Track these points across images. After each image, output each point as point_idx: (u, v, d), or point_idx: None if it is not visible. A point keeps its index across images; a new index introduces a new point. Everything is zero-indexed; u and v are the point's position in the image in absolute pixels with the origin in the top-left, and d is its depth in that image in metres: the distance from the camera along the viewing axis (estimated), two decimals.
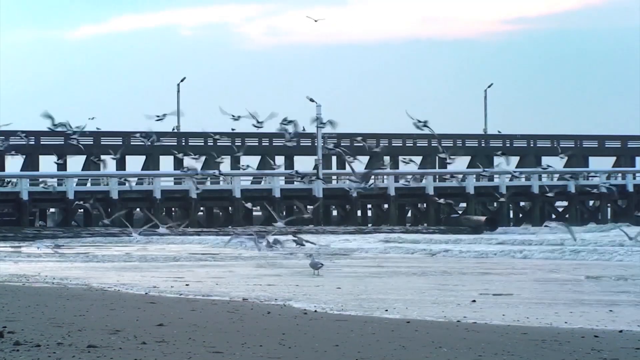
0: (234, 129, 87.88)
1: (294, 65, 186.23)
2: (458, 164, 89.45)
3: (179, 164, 79.98)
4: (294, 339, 13.57)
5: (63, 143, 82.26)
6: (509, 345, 13.46)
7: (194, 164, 75.03)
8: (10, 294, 21.80)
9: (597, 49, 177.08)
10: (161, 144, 77.02)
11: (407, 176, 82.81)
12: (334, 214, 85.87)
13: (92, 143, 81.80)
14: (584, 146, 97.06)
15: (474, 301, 21.32)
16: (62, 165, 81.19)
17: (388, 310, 19.25)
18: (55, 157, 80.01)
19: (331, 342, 13.36)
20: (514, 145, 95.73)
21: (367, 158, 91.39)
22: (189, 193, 79.75)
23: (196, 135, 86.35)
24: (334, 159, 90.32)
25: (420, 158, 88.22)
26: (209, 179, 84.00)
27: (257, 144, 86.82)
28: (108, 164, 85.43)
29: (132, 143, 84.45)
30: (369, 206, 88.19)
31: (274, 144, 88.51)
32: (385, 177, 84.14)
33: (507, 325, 16.54)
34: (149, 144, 68.56)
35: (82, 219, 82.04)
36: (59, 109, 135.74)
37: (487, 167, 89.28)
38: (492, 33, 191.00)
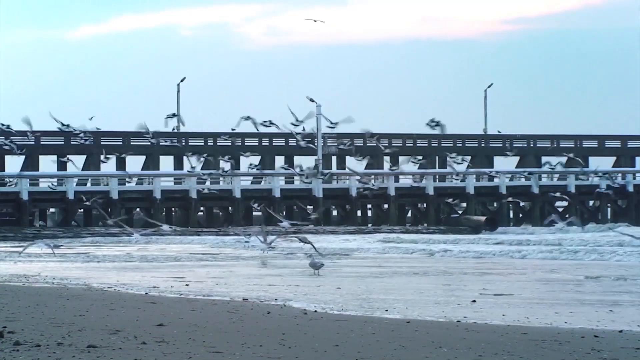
0: (234, 129, 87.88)
1: (294, 65, 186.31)
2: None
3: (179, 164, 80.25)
4: (294, 339, 13.57)
5: (63, 143, 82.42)
6: (509, 345, 13.46)
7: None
8: (10, 294, 21.80)
9: (597, 49, 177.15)
10: (168, 144, 77.26)
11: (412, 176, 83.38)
12: (334, 214, 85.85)
13: (93, 143, 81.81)
14: (584, 146, 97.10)
15: (474, 301, 21.33)
16: (65, 164, 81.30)
17: (388, 310, 19.25)
18: (55, 157, 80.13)
19: (331, 342, 13.36)
20: (514, 145, 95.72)
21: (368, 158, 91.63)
22: (189, 193, 79.78)
23: (196, 135, 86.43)
24: (334, 158, 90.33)
25: (420, 158, 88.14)
26: (208, 179, 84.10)
27: (257, 144, 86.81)
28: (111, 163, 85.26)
29: (132, 143, 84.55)
30: (369, 206, 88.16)
31: (274, 144, 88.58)
32: (385, 177, 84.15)
33: (507, 325, 16.55)
34: (154, 142, 69.04)
35: (82, 219, 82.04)
36: (59, 109, 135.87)
37: (487, 167, 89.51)
38: (492, 33, 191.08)
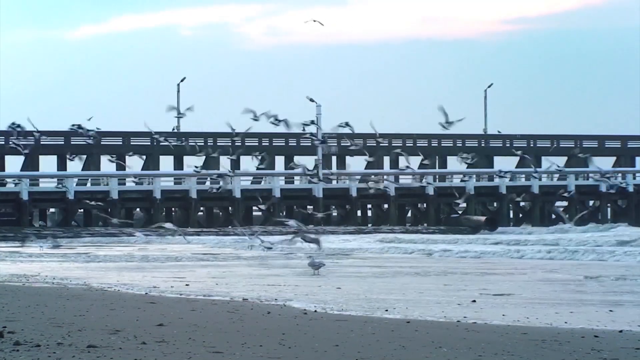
0: (234, 129, 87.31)
1: (294, 65, 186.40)
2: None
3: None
4: (294, 339, 13.57)
5: (63, 143, 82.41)
6: (509, 345, 13.46)
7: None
8: (10, 294, 21.80)
9: (597, 49, 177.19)
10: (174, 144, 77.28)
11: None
12: (334, 214, 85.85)
13: (92, 143, 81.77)
14: (584, 146, 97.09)
15: (474, 301, 21.32)
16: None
17: (388, 310, 19.25)
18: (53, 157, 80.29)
19: (331, 342, 13.36)
20: (514, 145, 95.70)
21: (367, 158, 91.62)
22: (188, 193, 79.80)
23: (196, 135, 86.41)
24: (334, 158, 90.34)
25: (420, 158, 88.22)
26: (208, 178, 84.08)
27: (257, 144, 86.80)
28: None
29: (132, 143, 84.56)
30: (369, 206, 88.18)
31: (274, 144, 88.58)
32: (386, 177, 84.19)
33: (507, 325, 16.54)
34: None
35: (82, 219, 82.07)
36: (59, 109, 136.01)
37: (487, 167, 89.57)
38: (492, 33, 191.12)
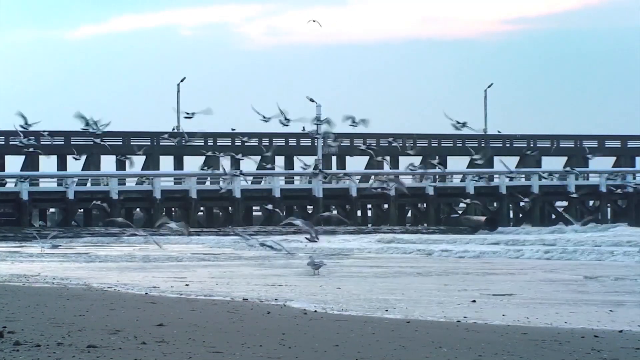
0: (234, 129, 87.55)
1: (294, 65, 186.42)
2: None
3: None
4: (294, 339, 13.57)
5: (63, 143, 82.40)
6: (509, 345, 13.46)
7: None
8: (10, 294, 21.80)
9: (597, 49, 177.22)
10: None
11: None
12: (334, 214, 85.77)
13: (92, 143, 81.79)
14: (584, 146, 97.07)
15: (474, 301, 21.32)
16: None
17: (388, 310, 19.24)
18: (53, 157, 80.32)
19: (331, 342, 13.36)
20: (514, 145, 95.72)
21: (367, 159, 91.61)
22: (188, 193, 79.80)
23: (196, 135, 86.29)
24: (334, 158, 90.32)
25: (420, 158, 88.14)
26: (208, 178, 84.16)
27: (257, 144, 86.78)
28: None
29: (132, 143, 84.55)
30: (369, 206, 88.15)
31: (274, 144, 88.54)
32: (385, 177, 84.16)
33: (507, 325, 16.54)
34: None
35: (82, 219, 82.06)
36: (59, 109, 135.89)
37: (487, 167, 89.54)
38: (492, 33, 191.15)
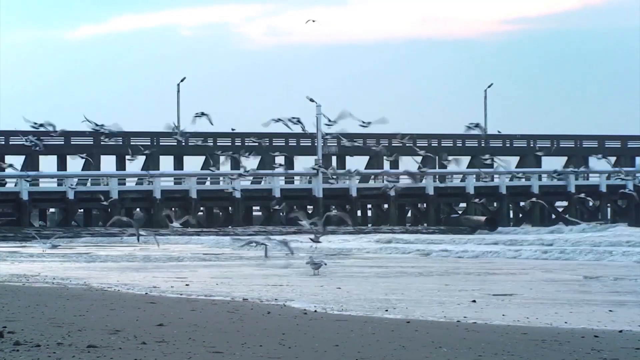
0: (234, 129, 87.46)
1: (294, 65, 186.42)
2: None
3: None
4: (294, 339, 13.57)
5: (63, 143, 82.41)
6: (509, 345, 13.46)
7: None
8: (10, 294, 21.80)
9: (597, 49, 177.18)
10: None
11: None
12: (334, 213, 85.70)
13: (92, 143, 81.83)
14: (584, 146, 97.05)
15: (474, 301, 21.32)
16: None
17: (388, 310, 19.24)
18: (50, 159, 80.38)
19: (331, 342, 13.36)
20: (514, 145, 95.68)
21: (368, 158, 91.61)
22: (188, 193, 79.80)
23: (196, 135, 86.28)
24: (334, 158, 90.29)
25: (421, 158, 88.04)
26: (208, 178, 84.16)
27: (257, 144, 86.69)
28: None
29: (132, 143, 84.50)
30: (369, 206, 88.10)
31: (274, 144, 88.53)
32: (386, 177, 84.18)
33: (507, 325, 16.54)
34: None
35: (82, 219, 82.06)
36: (59, 109, 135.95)
37: (487, 167, 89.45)
38: (492, 33, 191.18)
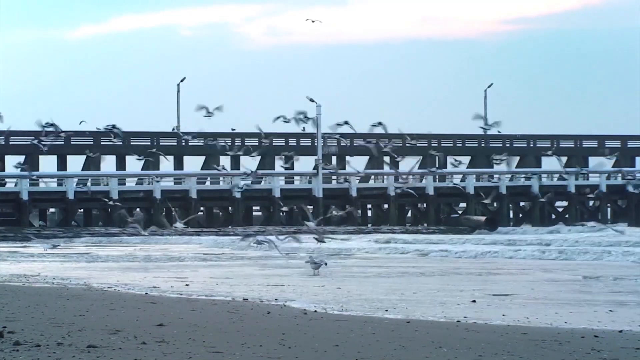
0: (233, 129, 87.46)
1: (294, 65, 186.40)
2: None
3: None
4: (294, 339, 13.57)
5: (63, 143, 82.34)
6: (509, 345, 13.46)
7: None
8: (10, 294, 21.80)
9: (597, 49, 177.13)
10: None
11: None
12: (334, 214, 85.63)
13: (92, 143, 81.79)
14: (584, 146, 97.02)
15: (474, 301, 21.32)
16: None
17: (388, 310, 19.25)
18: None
19: (331, 342, 13.36)
20: (514, 145, 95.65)
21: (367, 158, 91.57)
22: (188, 193, 79.81)
23: (196, 135, 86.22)
24: (334, 158, 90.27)
25: (420, 158, 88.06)
26: (208, 178, 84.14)
27: (257, 143, 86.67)
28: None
29: (132, 143, 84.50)
30: (369, 206, 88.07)
31: (273, 144, 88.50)
32: (385, 177, 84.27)
33: (507, 325, 16.54)
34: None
35: (82, 219, 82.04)
36: (59, 109, 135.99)
37: (487, 167, 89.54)
38: (492, 33, 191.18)
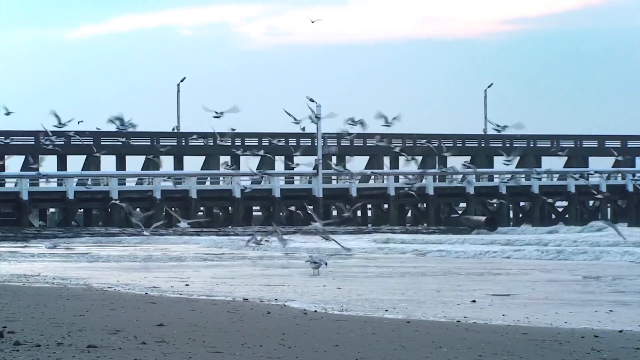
0: (233, 129, 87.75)
1: (294, 65, 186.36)
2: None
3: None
4: (294, 339, 13.57)
5: (63, 143, 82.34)
6: (509, 345, 13.46)
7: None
8: (10, 294, 21.80)
9: (597, 49, 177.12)
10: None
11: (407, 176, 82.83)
12: (334, 214, 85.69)
13: (92, 143, 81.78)
14: (584, 146, 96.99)
15: (473, 301, 21.32)
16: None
17: (388, 310, 19.25)
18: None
19: (331, 342, 13.36)
20: (514, 145, 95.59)
21: (367, 158, 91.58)
22: (188, 193, 79.80)
23: (196, 135, 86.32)
24: (334, 158, 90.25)
25: (421, 158, 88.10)
26: (208, 178, 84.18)
27: (257, 143, 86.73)
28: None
29: (132, 143, 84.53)
30: (369, 206, 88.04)
31: (274, 144, 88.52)
32: (385, 177, 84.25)
33: (507, 325, 16.54)
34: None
35: (82, 219, 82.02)
36: (59, 109, 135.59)
37: (487, 167, 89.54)
38: (492, 33, 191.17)
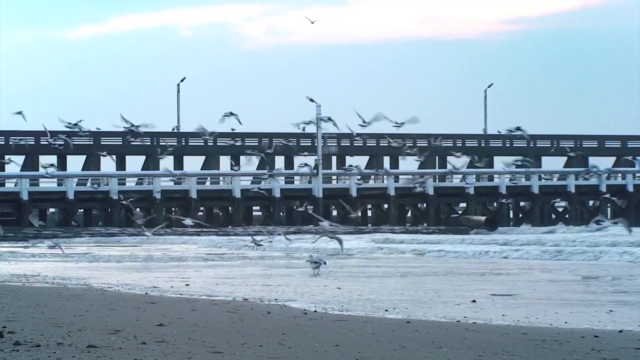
0: (233, 129, 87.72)
1: (294, 65, 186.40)
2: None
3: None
4: (294, 339, 13.57)
5: (63, 143, 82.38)
6: (509, 345, 13.46)
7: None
8: (10, 294, 21.80)
9: (597, 49, 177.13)
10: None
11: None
12: (334, 214, 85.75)
13: (92, 143, 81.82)
14: (584, 146, 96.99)
15: (473, 301, 21.33)
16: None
17: (388, 310, 19.25)
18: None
19: (331, 342, 13.36)
20: (514, 145, 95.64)
21: (367, 158, 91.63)
22: (188, 193, 79.84)
23: (196, 135, 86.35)
24: (334, 158, 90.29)
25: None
26: (208, 178, 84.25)
27: (256, 143, 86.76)
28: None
29: (131, 143, 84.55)
30: (369, 206, 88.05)
31: (274, 144, 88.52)
32: (385, 177, 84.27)
33: (507, 325, 16.55)
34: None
35: (82, 219, 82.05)
36: (59, 109, 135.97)
37: (487, 167, 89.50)
38: (492, 33, 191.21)
